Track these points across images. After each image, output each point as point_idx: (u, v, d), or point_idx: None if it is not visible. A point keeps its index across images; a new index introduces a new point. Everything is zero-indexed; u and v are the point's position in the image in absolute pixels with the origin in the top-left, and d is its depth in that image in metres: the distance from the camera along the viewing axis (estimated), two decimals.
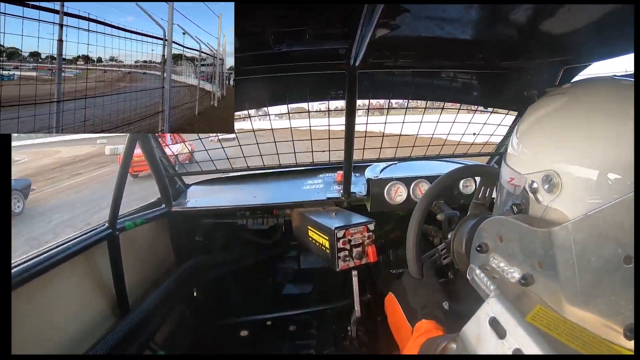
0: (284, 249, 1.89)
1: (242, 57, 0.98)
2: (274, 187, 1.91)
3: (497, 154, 1.89)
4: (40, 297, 1.03)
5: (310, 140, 1.76)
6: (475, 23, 0.88)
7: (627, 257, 0.39)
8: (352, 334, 1.53)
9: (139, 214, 1.54)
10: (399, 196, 1.69)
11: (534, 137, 0.58)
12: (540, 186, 0.53)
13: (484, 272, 0.57)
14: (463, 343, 0.52)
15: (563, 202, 0.50)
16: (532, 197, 0.54)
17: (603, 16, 0.75)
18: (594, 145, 0.48)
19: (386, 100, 1.59)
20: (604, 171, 0.45)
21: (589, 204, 0.46)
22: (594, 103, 0.52)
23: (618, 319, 0.39)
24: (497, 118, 1.72)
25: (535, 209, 0.54)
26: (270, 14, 0.78)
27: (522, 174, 0.57)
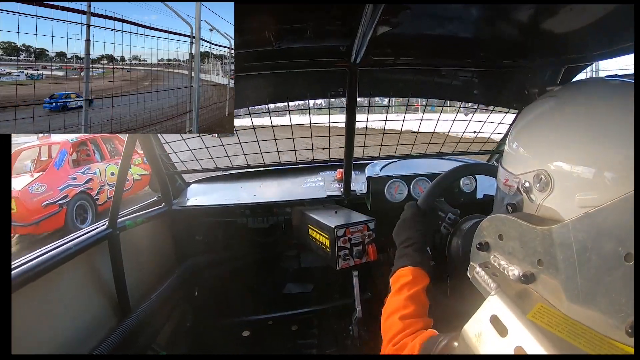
0: (284, 247, 1.89)
1: (242, 54, 0.97)
2: (274, 185, 1.91)
3: (497, 152, 1.89)
4: (41, 297, 1.03)
5: (311, 137, 1.76)
6: (476, 22, 0.88)
7: (628, 254, 0.39)
8: (354, 334, 1.53)
9: (139, 212, 1.54)
10: (399, 194, 1.68)
11: (525, 139, 0.60)
12: (532, 185, 0.54)
13: (485, 270, 0.57)
14: (464, 341, 0.52)
15: (554, 200, 0.51)
16: (525, 197, 0.56)
17: (604, 16, 0.75)
18: (584, 145, 0.49)
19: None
20: (594, 169, 0.47)
21: (580, 200, 0.47)
22: (583, 105, 0.54)
23: (619, 317, 0.39)
24: (497, 116, 1.71)
25: (529, 208, 0.56)
26: (271, 11, 0.78)
27: (515, 175, 0.59)
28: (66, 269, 1.10)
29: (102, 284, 1.29)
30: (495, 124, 1.74)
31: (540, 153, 0.55)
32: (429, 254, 0.83)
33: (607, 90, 0.55)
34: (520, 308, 0.47)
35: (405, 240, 0.85)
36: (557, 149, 0.52)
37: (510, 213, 0.58)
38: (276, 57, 1.06)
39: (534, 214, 0.54)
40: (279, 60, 1.10)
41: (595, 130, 0.49)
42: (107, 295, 1.30)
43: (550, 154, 0.53)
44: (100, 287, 1.28)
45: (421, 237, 0.85)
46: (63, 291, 1.12)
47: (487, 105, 1.64)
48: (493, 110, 1.66)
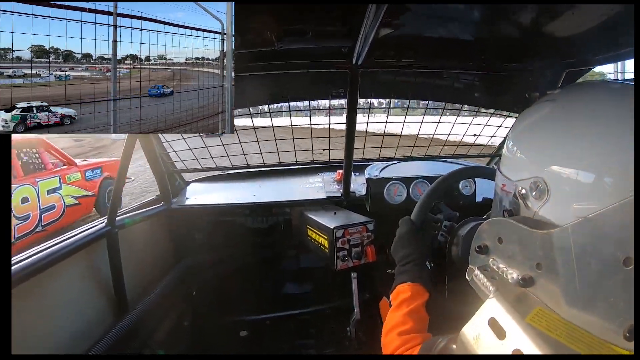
0: (283, 248, 1.89)
1: (243, 54, 0.97)
2: (274, 186, 1.91)
3: (497, 156, 1.89)
4: (39, 295, 1.03)
5: (311, 138, 1.76)
6: (478, 24, 0.88)
7: (627, 259, 0.39)
8: (352, 335, 1.53)
9: (138, 211, 1.54)
10: (399, 196, 1.69)
11: (523, 144, 0.60)
12: (528, 192, 0.54)
13: (484, 273, 0.57)
14: (462, 344, 0.52)
15: (550, 208, 0.51)
16: (521, 204, 0.56)
17: (606, 20, 0.75)
18: (582, 152, 0.49)
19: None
20: (594, 177, 0.46)
21: (575, 209, 0.47)
22: (581, 110, 0.53)
23: (618, 321, 0.39)
24: (498, 120, 1.72)
25: (525, 215, 0.55)
26: (273, 11, 0.78)
27: (512, 181, 0.58)
28: (64, 267, 1.10)
29: (100, 282, 1.28)
30: (495, 127, 1.74)
31: (537, 159, 0.55)
32: (428, 268, 0.83)
33: (607, 94, 0.55)
34: (519, 311, 0.47)
35: (403, 257, 0.85)
36: (555, 156, 0.52)
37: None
38: (277, 58, 1.06)
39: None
40: (279, 61, 1.10)
41: (593, 136, 0.48)
42: (105, 293, 1.29)
43: (547, 161, 0.52)
44: (98, 285, 1.28)
45: (419, 253, 0.85)
46: (61, 289, 1.12)
47: (487, 108, 1.65)
48: (493, 113, 1.66)
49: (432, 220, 0.95)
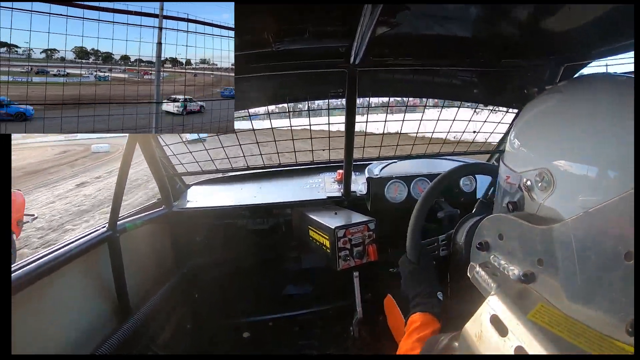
0: (285, 248, 1.89)
1: (241, 56, 0.97)
2: (274, 187, 1.91)
3: (497, 152, 1.89)
4: (41, 300, 1.03)
5: (310, 138, 1.76)
6: (475, 21, 0.88)
7: (628, 253, 0.39)
8: (355, 335, 1.53)
9: (139, 215, 1.54)
10: (399, 194, 1.68)
11: (528, 136, 0.59)
12: (533, 184, 0.53)
13: (485, 270, 0.57)
14: (465, 341, 0.52)
15: (556, 200, 0.50)
16: (526, 195, 0.55)
17: (603, 14, 0.75)
18: (588, 143, 0.48)
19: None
20: (599, 169, 0.45)
21: (581, 201, 0.47)
22: (588, 101, 0.53)
23: (619, 316, 0.39)
24: (497, 116, 1.71)
25: (530, 207, 0.55)
26: (270, 12, 0.78)
27: (517, 172, 0.58)
28: (66, 271, 1.10)
29: (103, 286, 1.29)
30: (494, 124, 1.74)
31: (543, 151, 0.54)
32: (439, 299, 0.84)
33: (613, 87, 0.54)
34: (521, 308, 0.47)
35: (414, 296, 0.87)
36: (561, 147, 0.51)
37: (510, 211, 0.58)
38: (275, 59, 1.06)
39: (535, 213, 0.53)
40: (278, 62, 1.10)
41: (600, 127, 0.48)
42: (107, 297, 1.30)
43: (553, 152, 0.52)
44: (100, 289, 1.28)
45: (426, 287, 0.86)
46: (63, 293, 1.12)
47: (486, 104, 1.64)
48: (492, 109, 1.66)
49: (428, 245, 0.96)
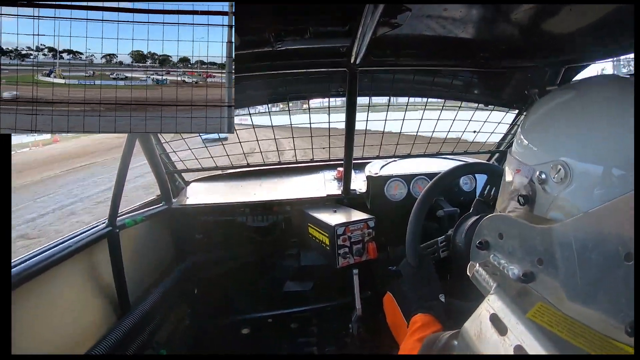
0: (284, 246, 1.89)
1: (242, 55, 0.97)
2: (274, 184, 1.91)
3: (497, 152, 1.89)
4: (40, 296, 1.03)
5: (311, 137, 1.76)
6: (476, 22, 0.88)
7: (628, 254, 0.39)
8: (354, 332, 1.53)
9: (139, 211, 1.54)
10: (399, 193, 1.69)
11: (543, 129, 0.58)
12: (548, 176, 0.52)
13: (485, 269, 0.57)
14: (464, 340, 0.52)
15: (573, 192, 0.49)
16: (539, 188, 0.54)
17: (604, 16, 0.75)
18: (606, 136, 0.48)
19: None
20: (616, 163, 0.45)
21: (598, 194, 0.46)
22: (607, 97, 0.53)
23: (619, 316, 0.39)
24: (497, 116, 1.72)
25: (543, 200, 0.54)
26: (271, 11, 0.78)
27: (529, 165, 0.56)
28: (65, 267, 1.10)
29: (102, 282, 1.29)
30: (494, 124, 1.74)
31: (558, 143, 0.53)
32: (441, 301, 0.85)
33: (629, 85, 0.53)
34: (520, 307, 0.47)
35: (416, 299, 0.88)
36: (578, 139, 0.51)
37: (521, 205, 0.56)
38: (276, 58, 1.06)
39: (549, 206, 0.53)
40: (279, 61, 1.10)
41: (618, 122, 0.48)
42: (106, 294, 1.30)
43: (569, 145, 0.51)
44: (99, 285, 1.28)
45: (428, 290, 0.88)
46: (63, 290, 1.12)
47: (486, 105, 1.65)
48: (493, 110, 1.66)
49: (427, 248, 0.96)
